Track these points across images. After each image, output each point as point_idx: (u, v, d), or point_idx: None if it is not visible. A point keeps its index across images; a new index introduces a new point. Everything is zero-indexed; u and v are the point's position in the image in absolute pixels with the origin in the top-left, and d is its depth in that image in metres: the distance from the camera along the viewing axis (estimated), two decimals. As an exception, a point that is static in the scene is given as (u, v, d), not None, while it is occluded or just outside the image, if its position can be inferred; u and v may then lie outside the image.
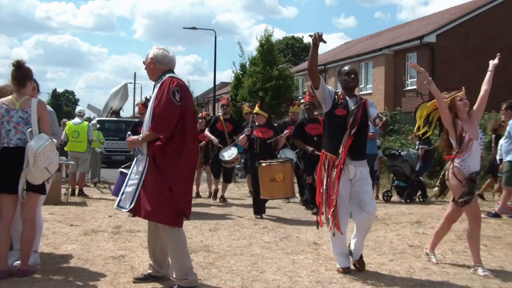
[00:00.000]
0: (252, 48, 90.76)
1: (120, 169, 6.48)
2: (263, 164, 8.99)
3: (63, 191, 11.54)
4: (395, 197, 12.52)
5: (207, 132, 11.47)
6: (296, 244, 7.01)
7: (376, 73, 28.39)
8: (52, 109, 5.97)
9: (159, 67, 4.92)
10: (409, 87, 26.77)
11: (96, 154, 15.38)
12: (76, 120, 12.94)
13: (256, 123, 9.66)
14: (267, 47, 28.73)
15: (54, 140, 5.16)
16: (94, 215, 9.22)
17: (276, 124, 14.97)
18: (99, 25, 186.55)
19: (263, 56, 28.41)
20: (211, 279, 5.21)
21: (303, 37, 60.78)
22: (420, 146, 12.51)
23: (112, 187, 8.00)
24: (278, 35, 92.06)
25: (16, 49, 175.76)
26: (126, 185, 4.87)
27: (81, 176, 12.72)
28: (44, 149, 4.94)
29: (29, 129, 4.99)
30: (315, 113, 10.48)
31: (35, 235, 5.29)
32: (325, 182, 5.50)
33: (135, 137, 4.85)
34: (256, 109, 9.69)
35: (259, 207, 9.39)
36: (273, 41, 31.08)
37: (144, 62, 5.01)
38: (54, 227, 7.75)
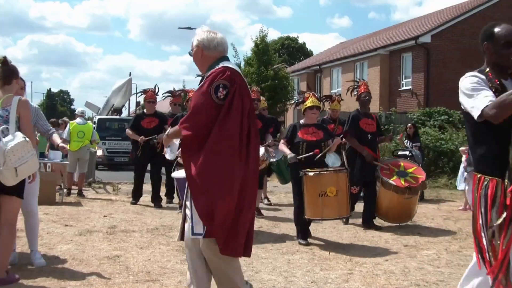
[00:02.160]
0: (246, 48, 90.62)
1: (174, 175, 6.32)
2: (310, 174, 6.86)
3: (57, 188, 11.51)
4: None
5: None
6: (292, 244, 7.01)
7: (371, 73, 28.41)
8: (37, 106, 5.73)
9: (209, 54, 3.92)
10: (404, 87, 26.80)
11: (91, 154, 15.33)
12: (80, 120, 12.94)
13: (301, 122, 7.41)
14: (262, 47, 28.69)
15: (27, 139, 4.68)
16: (89, 215, 9.19)
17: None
18: (93, 25, 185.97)
19: (258, 57, 28.36)
20: (206, 279, 5.20)
21: (298, 37, 60.82)
22: (413, 145, 12.52)
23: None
24: (273, 35, 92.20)
25: (10, 49, 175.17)
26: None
27: (81, 177, 12.69)
28: (14, 147, 4.55)
29: (1, 127, 4.66)
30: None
31: (13, 242, 5.13)
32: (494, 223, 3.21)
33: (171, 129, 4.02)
34: (313, 100, 7.24)
35: (303, 230, 7.21)
36: (268, 41, 31.08)
37: (190, 53, 4.04)
38: (48, 227, 7.73)
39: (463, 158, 11.59)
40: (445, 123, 19.31)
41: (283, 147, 7.24)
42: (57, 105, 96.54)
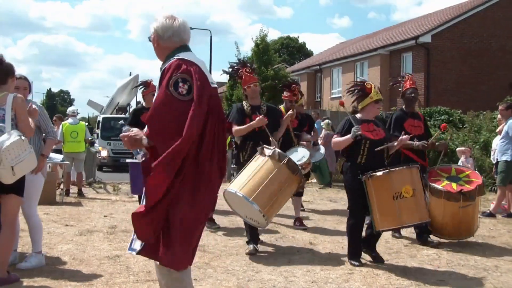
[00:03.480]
0: (247, 48, 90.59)
1: (129, 161, 6.11)
2: (379, 174, 5.76)
3: (57, 191, 11.51)
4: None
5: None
6: (292, 244, 7.01)
7: (371, 73, 28.39)
8: (40, 105, 5.64)
9: (164, 44, 3.53)
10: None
11: (91, 153, 15.33)
12: (72, 120, 12.81)
13: (358, 116, 6.17)
14: (262, 47, 28.68)
15: (23, 137, 4.65)
16: (89, 215, 9.20)
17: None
18: (94, 25, 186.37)
19: (259, 56, 28.33)
20: (206, 279, 5.21)
21: (298, 37, 60.76)
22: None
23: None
24: (273, 35, 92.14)
25: (11, 49, 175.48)
26: None
27: (79, 176, 12.66)
28: (9, 146, 4.52)
29: None
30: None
31: (13, 241, 5.11)
32: None
33: (135, 132, 3.38)
34: (377, 92, 6.15)
35: (357, 249, 6.03)
36: (268, 41, 31.08)
37: (149, 39, 3.63)
38: (49, 227, 7.73)
39: (462, 158, 11.58)
40: (446, 123, 19.30)
41: (338, 139, 6.04)
42: (57, 105, 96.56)
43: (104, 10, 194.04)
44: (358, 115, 6.14)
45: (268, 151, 5.75)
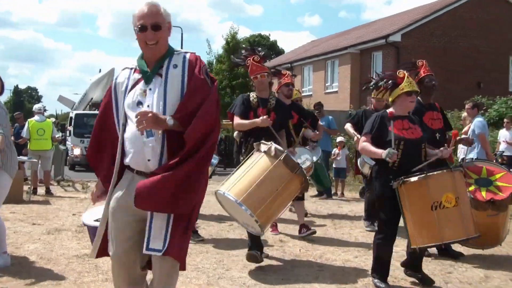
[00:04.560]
0: (217, 46, 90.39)
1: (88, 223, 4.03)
2: (413, 179, 4.77)
3: (25, 188, 11.33)
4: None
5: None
6: (262, 241, 7.01)
7: (342, 71, 28.59)
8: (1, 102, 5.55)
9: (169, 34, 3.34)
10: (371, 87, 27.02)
11: (59, 151, 15.12)
12: (38, 117, 12.54)
13: (389, 110, 5.15)
14: (233, 45, 28.69)
15: None
16: (57, 213, 9.07)
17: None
18: (62, 21, 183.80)
19: (229, 54, 28.32)
20: (176, 277, 5.17)
21: (269, 35, 60.90)
22: None
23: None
24: (244, 33, 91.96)
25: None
26: None
27: (47, 174, 12.46)
28: None
29: None
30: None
31: None
32: None
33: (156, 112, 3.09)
34: (410, 82, 5.15)
35: (385, 268, 5.15)
36: (239, 39, 31.07)
37: (157, 27, 3.20)
38: (15, 226, 7.60)
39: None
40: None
41: (370, 147, 5.04)
42: (25, 102, 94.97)
43: (73, 6, 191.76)
44: (391, 110, 5.13)
45: (264, 147, 5.11)
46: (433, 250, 6.15)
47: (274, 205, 4.94)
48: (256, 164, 5.02)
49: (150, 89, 3.15)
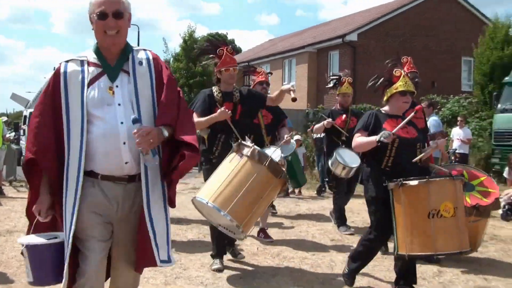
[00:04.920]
0: (175, 45, 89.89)
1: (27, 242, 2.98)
2: (413, 183, 4.54)
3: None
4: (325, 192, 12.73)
5: None
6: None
7: (299, 70, 28.77)
8: None
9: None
10: (331, 85, 27.30)
11: (12, 151, 14.75)
12: (-12, 116, 12.19)
13: (385, 110, 5.03)
14: (190, 43, 28.56)
15: None
16: (9, 214, 8.83)
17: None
18: (14, 17, 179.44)
19: (187, 53, 28.21)
20: (132, 277, 5.10)
21: (227, 33, 60.79)
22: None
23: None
24: (202, 31, 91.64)
25: None
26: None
27: (-1, 174, 12.15)
28: None
29: None
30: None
31: None
32: None
33: (151, 127, 2.90)
34: (406, 82, 4.89)
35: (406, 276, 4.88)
36: (197, 38, 30.95)
37: (118, 15, 2.97)
38: (-35, 228, 7.38)
39: None
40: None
41: (364, 139, 4.85)
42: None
43: (25, 2, 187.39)
44: (385, 109, 5.01)
45: (246, 150, 4.63)
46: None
47: (257, 212, 4.68)
48: (240, 170, 4.54)
49: (117, 86, 2.93)
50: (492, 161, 14.30)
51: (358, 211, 9.44)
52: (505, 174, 9.89)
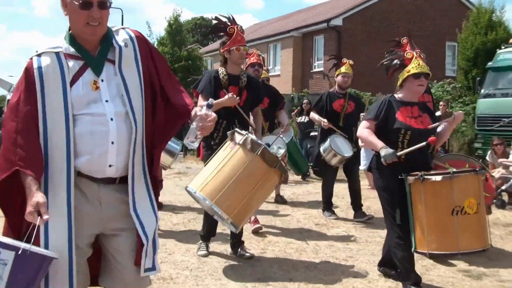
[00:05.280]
0: (159, 29, 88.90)
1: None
2: (436, 178, 4.25)
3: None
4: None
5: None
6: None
7: (284, 55, 28.74)
8: None
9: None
10: (316, 69, 27.29)
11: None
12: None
13: (398, 96, 4.65)
14: (175, 27, 28.34)
15: None
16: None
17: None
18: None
19: (172, 37, 27.99)
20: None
21: (212, 17, 60.41)
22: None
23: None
24: (187, 15, 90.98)
25: None
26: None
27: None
28: None
29: None
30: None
31: None
32: None
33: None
34: (419, 63, 4.53)
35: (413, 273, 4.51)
36: (182, 22, 30.74)
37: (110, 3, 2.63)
38: None
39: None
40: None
41: (371, 136, 4.51)
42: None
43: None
44: (399, 95, 4.65)
45: (239, 137, 4.39)
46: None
47: (251, 204, 4.39)
48: (231, 159, 4.33)
49: (102, 80, 2.59)
50: (475, 146, 14.40)
51: (342, 195, 9.50)
52: (488, 158, 10.04)
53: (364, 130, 4.57)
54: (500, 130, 12.19)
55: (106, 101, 2.58)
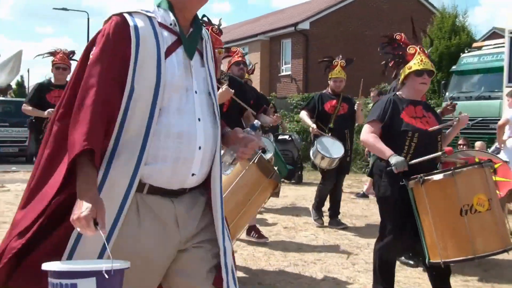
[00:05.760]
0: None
1: None
2: (437, 177, 3.86)
3: None
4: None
5: None
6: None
7: (252, 58, 28.67)
8: None
9: None
10: (284, 73, 27.43)
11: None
12: None
13: (400, 94, 4.27)
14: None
15: None
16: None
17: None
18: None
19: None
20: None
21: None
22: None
23: None
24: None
25: None
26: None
27: None
28: None
29: None
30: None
31: None
32: None
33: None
34: (422, 59, 4.15)
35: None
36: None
37: None
38: None
39: None
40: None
41: (378, 143, 4.10)
42: None
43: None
44: (400, 93, 4.28)
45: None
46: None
47: (245, 215, 4.15)
48: None
49: (192, 66, 2.15)
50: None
51: (310, 198, 9.54)
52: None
53: (368, 135, 4.16)
54: (464, 132, 12.40)
55: (196, 92, 2.14)
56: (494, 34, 23.40)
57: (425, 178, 3.81)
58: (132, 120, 1.98)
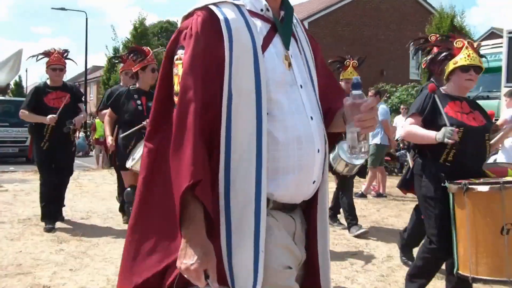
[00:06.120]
0: (124, 32, 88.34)
1: None
2: (482, 188, 3.51)
3: None
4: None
5: None
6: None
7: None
8: None
9: None
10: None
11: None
12: None
13: (445, 89, 4.02)
14: (141, 31, 28.21)
15: None
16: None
17: None
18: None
19: (137, 40, 27.83)
20: (83, 268, 5.04)
21: (177, 21, 60.07)
22: None
23: None
24: (152, 19, 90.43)
25: None
26: None
27: None
28: None
29: None
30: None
31: None
32: None
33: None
34: (470, 54, 3.87)
35: None
36: (147, 25, 30.61)
37: None
38: None
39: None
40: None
41: (420, 130, 3.87)
42: None
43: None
44: (445, 88, 4.02)
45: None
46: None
47: None
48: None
49: (291, 56, 1.88)
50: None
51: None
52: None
53: (410, 126, 3.93)
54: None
55: (301, 86, 1.87)
56: (492, 34, 23.48)
57: (469, 186, 3.51)
58: (237, 132, 1.68)
